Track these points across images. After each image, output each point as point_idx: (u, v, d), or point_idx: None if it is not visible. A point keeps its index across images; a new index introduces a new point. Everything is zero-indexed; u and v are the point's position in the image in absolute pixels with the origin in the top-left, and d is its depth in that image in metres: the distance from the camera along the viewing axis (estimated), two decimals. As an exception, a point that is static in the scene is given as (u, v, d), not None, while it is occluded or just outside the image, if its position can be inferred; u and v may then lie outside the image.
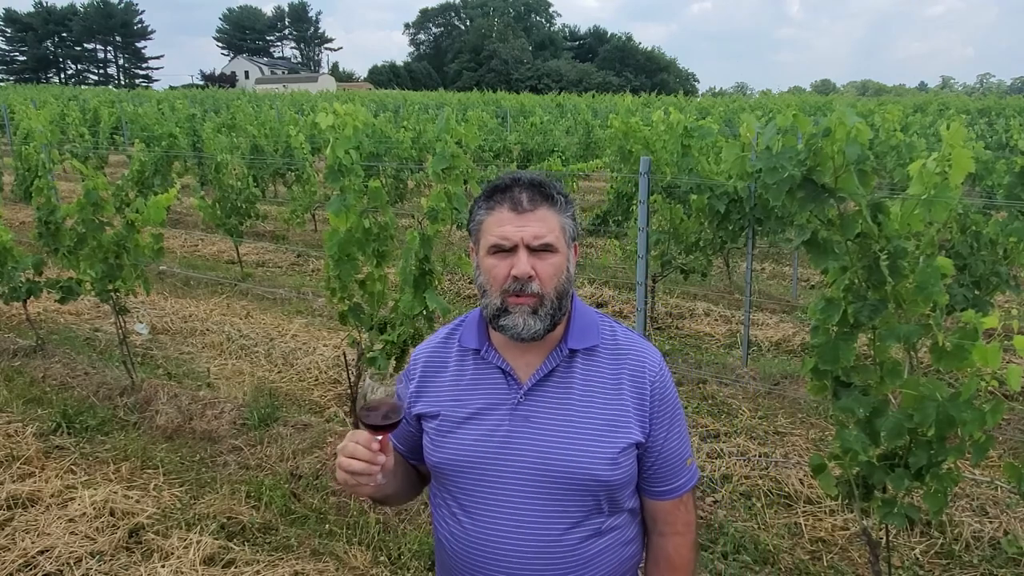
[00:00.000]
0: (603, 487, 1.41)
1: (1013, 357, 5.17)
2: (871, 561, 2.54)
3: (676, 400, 1.53)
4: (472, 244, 1.50)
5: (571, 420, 1.42)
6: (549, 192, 1.43)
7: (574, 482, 1.40)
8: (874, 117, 14.71)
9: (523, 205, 1.40)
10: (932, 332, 2.17)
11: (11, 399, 4.70)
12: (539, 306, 1.39)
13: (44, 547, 3.16)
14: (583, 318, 1.51)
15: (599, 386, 1.46)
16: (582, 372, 1.46)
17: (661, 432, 1.48)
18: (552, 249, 1.40)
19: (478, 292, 1.48)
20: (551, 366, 1.45)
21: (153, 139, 11.16)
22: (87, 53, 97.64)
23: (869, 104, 27.11)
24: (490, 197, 1.45)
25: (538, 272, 1.39)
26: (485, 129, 13.27)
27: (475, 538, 1.43)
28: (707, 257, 5.83)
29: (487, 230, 1.43)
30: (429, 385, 1.53)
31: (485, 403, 1.46)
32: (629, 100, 22.47)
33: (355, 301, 3.65)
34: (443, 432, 1.47)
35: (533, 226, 1.39)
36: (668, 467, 1.50)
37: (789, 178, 2.21)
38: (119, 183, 8.33)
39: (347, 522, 3.42)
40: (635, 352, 1.50)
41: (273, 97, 36.20)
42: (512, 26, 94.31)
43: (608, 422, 1.43)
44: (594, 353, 1.48)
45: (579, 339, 1.47)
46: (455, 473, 1.46)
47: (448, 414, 1.48)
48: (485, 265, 1.43)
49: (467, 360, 1.52)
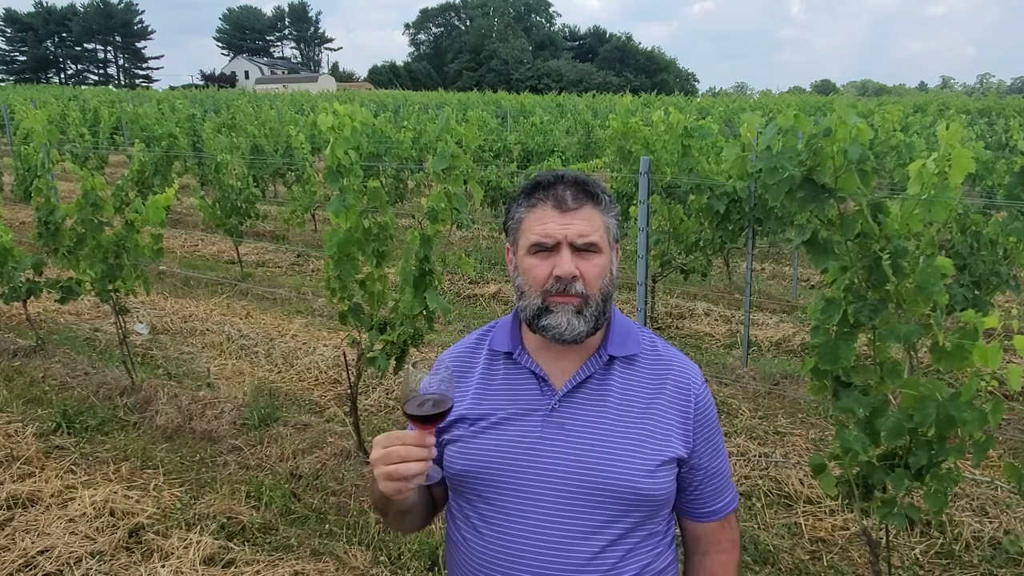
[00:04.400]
0: (640, 500, 1.34)
1: (1013, 357, 5.17)
2: (871, 561, 2.54)
3: (716, 417, 1.47)
4: (509, 243, 1.43)
5: (609, 428, 1.35)
6: (594, 191, 1.37)
7: (609, 493, 1.32)
8: (874, 117, 14.71)
9: (567, 203, 1.33)
10: (932, 332, 2.17)
11: (11, 399, 4.70)
12: (584, 307, 1.33)
13: (44, 547, 3.16)
14: (622, 326, 1.45)
15: (638, 396, 1.39)
16: (620, 380, 1.39)
17: (707, 450, 1.42)
18: (596, 249, 1.34)
19: (515, 293, 1.41)
20: (588, 372, 1.39)
21: (153, 139, 11.17)
22: (87, 53, 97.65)
23: (869, 104, 27.13)
24: (531, 194, 1.38)
25: (583, 272, 1.32)
26: (485, 129, 13.26)
27: (494, 548, 1.35)
28: (707, 257, 5.83)
29: (527, 228, 1.36)
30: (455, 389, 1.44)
31: (516, 408, 1.39)
32: (628, 100, 22.44)
33: (355, 301, 3.65)
34: (468, 437, 1.40)
35: (578, 224, 1.32)
36: (714, 487, 1.44)
37: (789, 178, 2.21)
38: (119, 183, 8.35)
39: (347, 522, 3.42)
40: (678, 366, 1.44)
41: (273, 97, 36.21)
42: (512, 26, 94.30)
43: (648, 433, 1.36)
44: (633, 362, 1.42)
45: (619, 346, 1.41)
46: (477, 480, 1.38)
47: (474, 418, 1.40)
48: (524, 265, 1.36)
49: (497, 364, 1.45)
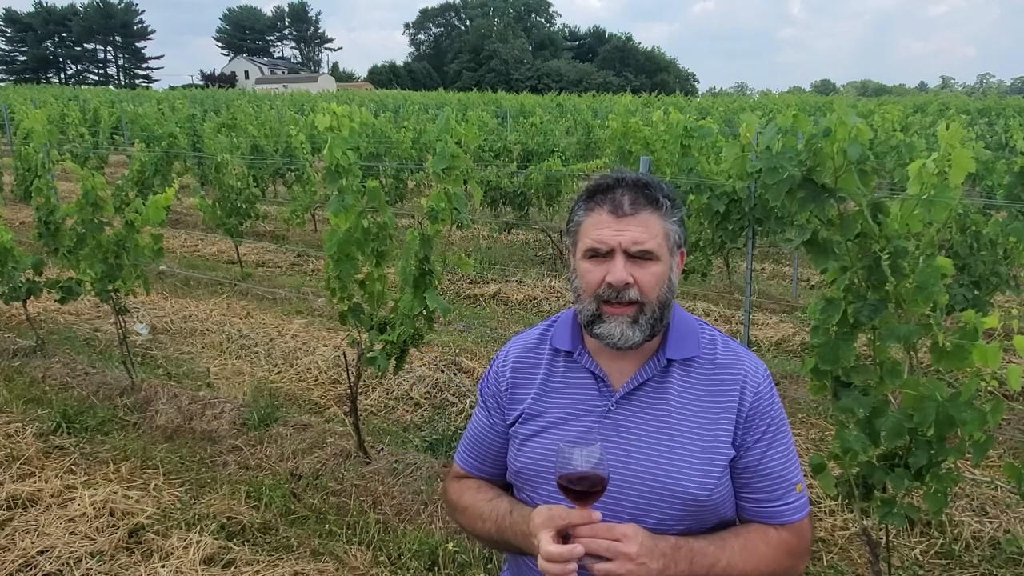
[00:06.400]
0: (693, 505, 1.31)
1: (1013, 357, 5.16)
2: (871, 561, 2.54)
3: (780, 417, 1.40)
4: (570, 245, 1.42)
5: (667, 433, 1.33)
6: (654, 195, 1.33)
7: (664, 499, 1.30)
8: (874, 117, 14.71)
9: (624, 208, 1.30)
10: (932, 332, 2.17)
11: (11, 399, 4.70)
12: (639, 314, 1.30)
13: (44, 547, 3.16)
14: (683, 326, 1.41)
15: (696, 400, 1.36)
16: (679, 384, 1.37)
17: (760, 445, 1.35)
18: (652, 257, 1.30)
19: (572, 295, 1.40)
20: (646, 375, 1.37)
21: (153, 139, 11.16)
22: (87, 53, 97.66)
23: (869, 104, 27.14)
24: (591, 198, 1.35)
25: (638, 280, 1.29)
26: (485, 129, 13.27)
27: None
28: (707, 257, 5.83)
29: (585, 232, 1.34)
30: (520, 387, 1.45)
31: (573, 408, 1.38)
32: (628, 100, 22.42)
33: (355, 301, 3.65)
34: (528, 435, 1.40)
35: (633, 231, 1.29)
36: (769, 488, 1.35)
37: (789, 178, 2.21)
38: (119, 183, 8.35)
39: (347, 522, 3.42)
40: (736, 365, 1.39)
41: (273, 97, 36.23)
42: (512, 26, 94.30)
43: (707, 439, 1.33)
44: (692, 364, 1.38)
45: (677, 349, 1.38)
46: (536, 477, 1.37)
47: (535, 417, 1.40)
48: (580, 269, 1.35)
49: (558, 362, 1.44)
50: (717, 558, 1.29)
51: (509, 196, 8.93)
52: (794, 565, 1.38)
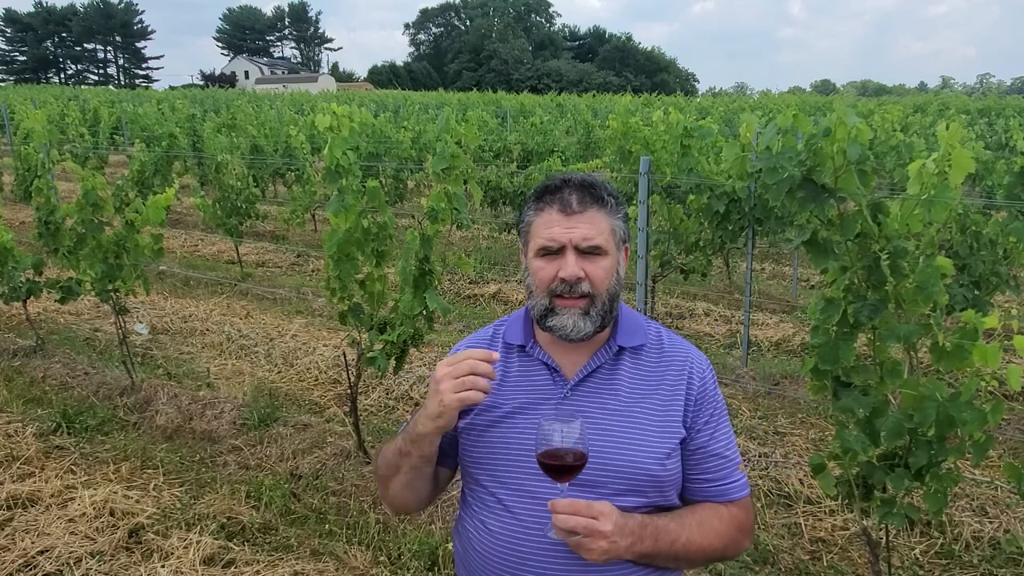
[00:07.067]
0: (650, 482, 1.39)
1: (1013, 357, 5.16)
2: (871, 561, 2.54)
3: (723, 402, 1.51)
4: (521, 245, 1.50)
5: (620, 415, 1.41)
6: (599, 194, 1.41)
7: (623, 478, 1.38)
8: (874, 117, 14.71)
9: (572, 206, 1.38)
10: (932, 332, 2.17)
11: (11, 399, 4.70)
12: (591, 307, 1.38)
13: (44, 547, 3.16)
14: (631, 318, 1.51)
15: (646, 384, 1.45)
16: (629, 370, 1.46)
17: (708, 428, 1.46)
18: (601, 252, 1.39)
19: (525, 292, 1.48)
20: (599, 362, 1.45)
21: (153, 139, 11.16)
22: (87, 53, 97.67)
23: (869, 104, 27.13)
24: (540, 198, 1.43)
25: (589, 274, 1.37)
26: (485, 129, 13.27)
27: (512, 529, 1.40)
28: (707, 257, 5.82)
29: (536, 231, 1.42)
30: None
31: (529, 398, 1.45)
32: (627, 100, 22.47)
33: (355, 301, 3.65)
34: (486, 426, 1.45)
35: (582, 228, 1.37)
36: (718, 467, 1.46)
37: (789, 178, 2.21)
38: (119, 183, 8.35)
39: (347, 522, 3.42)
40: (682, 353, 1.50)
41: (273, 97, 36.22)
42: (512, 26, 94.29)
43: (658, 419, 1.42)
44: (641, 352, 1.48)
45: (627, 337, 1.47)
46: (498, 466, 1.43)
47: (491, 408, 1.45)
48: (533, 267, 1.42)
49: (512, 356, 1.51)
50: (677, 535, 1.38)
51: (509, 196, 8.93)
52: (742, 539, 1.48)
